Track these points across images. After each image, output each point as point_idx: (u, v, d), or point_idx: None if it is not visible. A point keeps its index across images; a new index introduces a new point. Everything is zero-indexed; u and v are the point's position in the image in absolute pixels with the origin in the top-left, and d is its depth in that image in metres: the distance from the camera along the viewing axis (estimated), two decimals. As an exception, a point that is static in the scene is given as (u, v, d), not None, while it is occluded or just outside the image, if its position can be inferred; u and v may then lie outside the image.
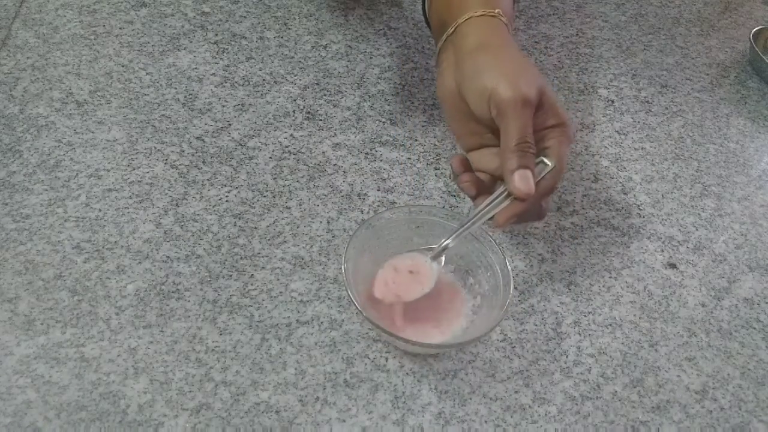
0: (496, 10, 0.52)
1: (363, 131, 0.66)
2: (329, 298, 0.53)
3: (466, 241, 0.52)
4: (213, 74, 0.69)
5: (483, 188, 0.50)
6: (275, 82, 0.70)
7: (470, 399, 0.48)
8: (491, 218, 0.48)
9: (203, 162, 0.61)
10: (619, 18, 0.89)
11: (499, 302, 0.48)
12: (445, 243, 0.50)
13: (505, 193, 0.48)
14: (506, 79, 0.47)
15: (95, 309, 0.50)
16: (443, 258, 0.50)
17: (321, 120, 0.67)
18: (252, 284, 0.53)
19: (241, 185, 0.60)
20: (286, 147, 0.63)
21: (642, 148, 0.71)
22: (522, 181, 0.46)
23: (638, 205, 0.65)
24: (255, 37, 0.74)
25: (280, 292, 0.53)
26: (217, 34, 0.74)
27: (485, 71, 0.48)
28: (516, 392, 0.49)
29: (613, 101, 0.76)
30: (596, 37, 0.85)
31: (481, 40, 0.51)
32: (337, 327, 0.51)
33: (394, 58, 0.75)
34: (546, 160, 0.48)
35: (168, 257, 0.54)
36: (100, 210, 0.56)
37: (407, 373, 0.49)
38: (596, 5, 0.90)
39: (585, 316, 0.55)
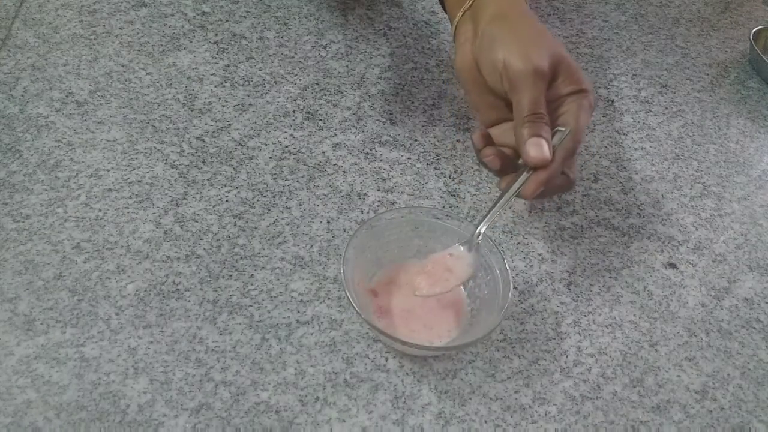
0: None
1: (363, 131, 0.66)
2: (329, 298, 0.53)
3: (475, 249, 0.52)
4: (213, 74, 0.69)
5: (507, 161, 0.49)
6: (275, 82, 0.70)
7: (470, 399, 0.48)
8: (519, 194, 0.47)
9: (203, 162, 0.61)
10: (619, 18, 0.89)
11: (499, 304, 0.48)
12: (479, 230, 0.49)
13: (527, 168, 0.47)
14: (518, 50, 0.46)
15: (95, 309, 0.50)
16: (480, 244, 0.50)
17: (321, 120, 0.67)
18: (252, 284, 0.53)
19: (241, 185, 0.60)
20: (286, 147, 0.63)
21: (642, 148, 0.71)
22: (535, 148, 0.45)
23: (638, 205, 0.65)
24: (255, 37, 0.74)
25: (280, 292, 0.53)
26: (217, 34, 0.74)
27: (498, 43, 0.48)
28: (516, 392, 0.49)
29: (613, 101, 0.76)
30: (596, 37, 0.85)
31: (499, 11, 0.50)
32: (337, 327, 0.51)
33: (394, 58, 0.75)
34: (561, 128, 0.47)
35: (168, 257, 0.54)
36: (100, 210, 0.56)
37: (407, 373, 0.49)
38: (596, 5, 0.90)
39: (585, 316, 0.55)
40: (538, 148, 0.45)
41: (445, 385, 0.49)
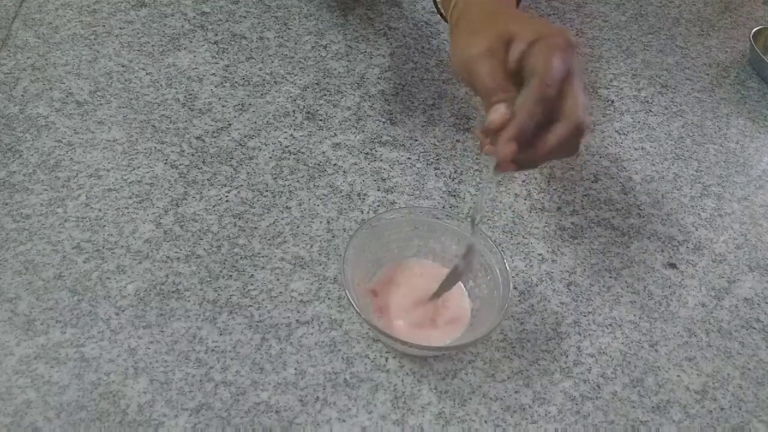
0: None
1: (363, 131, 0.66)
2: (329, 298, 0.53)
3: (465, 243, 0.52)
4: (213, 74, 0.69)
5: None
6: (275, 82, 0.70)
7: (470, 399, 0.48)
8: (497, 168, 0.45)
9: (203, 162, 0.61)
10: (619, 18, 0.89)
11: (499, 304, 0.48)
12: (475, 223, 0.49)
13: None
14: (464, 45, 0.47)
15: (95, 309, 0.50)
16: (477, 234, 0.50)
17: (321, 120, 0.67)
18: (252, 284, 0.53)
19: (241, 185, 0.60)
20: (286, 147, 0.63)
21: (642, 148, 0.71)
22: (491, 114, 0.44)
23: (638, 205, 0.65)
24: (255, 37, 0.74)
25: (280, 292, 0.53)
26: (217, 34, 0.74)
27: (455, 43, 0.49)
28: (516, 392, 0.49)
29: (613, 101, 0.76)
30: (596, 37, 0.85)
31: (461, 9, 0.51)
32: (337, 327, 0.51)
33: (394, 58, 0.75)
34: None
35: (168, 257, 0.54)
36: (100, 210, 0.56)
37: (407, 373, 0.49)
38: (596, 5, 0.90)
39: (585, 316, 0.55)
40: (493, 113, 0.44)
41: (445, 385, 0.49)
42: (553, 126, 0.44)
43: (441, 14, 0.62)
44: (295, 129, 0.65)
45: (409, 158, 0.64)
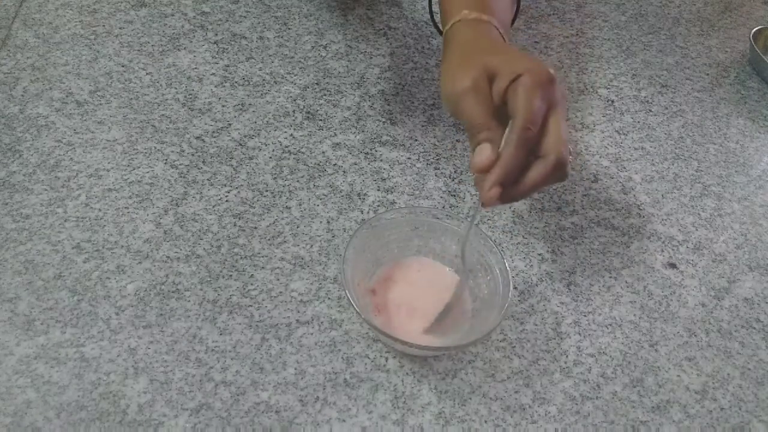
0: (474, 15, 0.52)
1: (363, 131, 0.66)
2: (329, 298, 0.53)
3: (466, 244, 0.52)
4: (213, 74, 0.69)
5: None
6: (275, 82, 0.70)
7: (470, 399, 0.48)
8: (483, 205, 0.46)
9: (203, 162, 0.61)
10: (619, 18, 0.89)
11: (499, 304, 0.48)
12: (461, 251, 0.50)
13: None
14: (448, 81, 0.48)
15: (95, 309, 0.50)
16: (465, 265, 0.51)
17: (321, 120, 0.67)
18: (252, 284, 0.53)
19: (241, 185, 0.60)
20: (286, 147, 0.63)
21: (642, 148, 0.71)
22: (476, 156, 0.45)
23: (638, 205, 0.65)
24: (255, 37, 0.74)
25: (280, 292, 0.53)
26: (217, 34, 0.74)
27: (441, 79, 0.49)
28: (516, 392, 0.49)
29: (613, 101, 0.76)
30: (596, 37, 0.85)
31: (446, 40, 0.53)
32: (337, 327, 0.51)
33: (394, 58, 0.75)
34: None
35: (168, 257, 0.54)
36: (100, 210, 0.56)
37: (407, 373, 0.49)
38: (596, 5, 0.90)
39: (585, 316, 0.55)
40: (477, 155, 0.45)
41: (445, 385, 0.49)
42: (535, 163, 0.45)
43: (437, 27, 0.62)
44: (295, 129, 0.65)
45: (409, 158, 0.64)
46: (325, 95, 0.69)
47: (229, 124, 0.65)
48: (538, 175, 0.45)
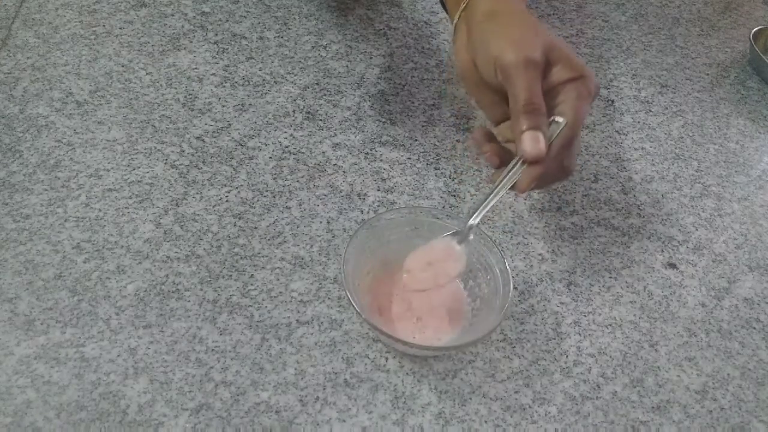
0: None
1: (363, 131, 0.66)
2: (329, 298, 0.53)
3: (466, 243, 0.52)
4: (213, 74, 0.69)
5: (506, 158, 0.49)
6: (275, 82, 0.70)
7: (470, 399, 0.48)
8: (513, 187, 0.47)
9: (203, 162, 0.61)
10: (619, 18, 0.89)
11: (499, 304, 0.48)
12: (471, 222, 0.48)
13: (521, 159, 0.46)
14: (509, 43, 0.46)
15: (95, 309, 0.50)
16: (471, 237, 0.49)
17: (321, 120, 0.67)
18: (252, 284, 0.53)
19: (241, 185, 0.60)
20: (286, 147, 0.63)
21: (642, 148, 0.71)
22: (531, 143, 0.45)
23: (638, 205, 0.65)
24: (255, 37, 0.74)
25: (280, 292, 0.53)
26: (217, 34, 0.74)
27: (491, 39, 0.47)
28: (516, 392, 0.49)
29: (613, 101, 0.76)
30: (596, 37, 0.85)
31: (489, 9, 0.50)
32: (337, 327, 0.51)
33: (394, 58, 0.75)
34: (558, 119, 0.46)
35: (168, 257, 0.54)
36: (100, 210, 0.56)
37: (407, 373, 0.49)
38: (596, 5, 0.90)
39: (585, 316, 0.55)
40: (533, 143, 0.45)
41: (445, 385, 0.49)
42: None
43: (442, 4, 0.61)
44: (295, 129, 0.65)
45: (409, 158, 0.64)
46: (325, 95, 0.69)
47: (229, 124, 0.65)
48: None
